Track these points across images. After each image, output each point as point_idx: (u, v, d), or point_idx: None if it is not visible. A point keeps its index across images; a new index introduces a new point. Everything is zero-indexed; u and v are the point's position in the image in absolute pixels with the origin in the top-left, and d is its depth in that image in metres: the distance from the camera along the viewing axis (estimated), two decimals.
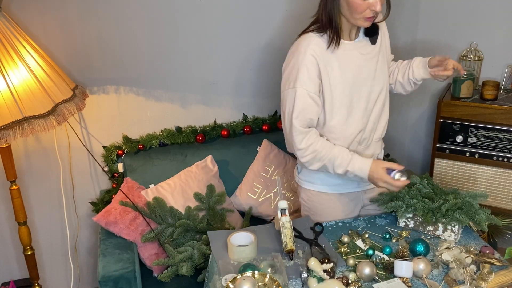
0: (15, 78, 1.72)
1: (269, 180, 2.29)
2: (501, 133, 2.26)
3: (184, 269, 1.86)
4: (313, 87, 1.59)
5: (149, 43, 2.25)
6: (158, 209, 2.00)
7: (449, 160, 2.42)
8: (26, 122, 1.71)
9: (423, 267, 1.41)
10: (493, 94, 2.28)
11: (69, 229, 2.37)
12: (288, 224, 1.53)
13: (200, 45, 2.33)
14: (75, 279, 2.45)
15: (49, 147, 2.23)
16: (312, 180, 1.80)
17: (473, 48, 2.46)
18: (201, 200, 2.13)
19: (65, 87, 1.93)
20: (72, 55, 2.15)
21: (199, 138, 2.39)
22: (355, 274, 1.42)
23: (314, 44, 1.59)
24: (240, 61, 2.42)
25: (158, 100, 2.36)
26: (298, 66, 1.58)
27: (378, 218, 1.77)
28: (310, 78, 1.58)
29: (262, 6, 2.35)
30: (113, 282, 1.72)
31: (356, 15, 1.53)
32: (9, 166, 1.94)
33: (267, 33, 2.40)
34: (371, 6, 1.50)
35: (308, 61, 1.57)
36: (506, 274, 1.43)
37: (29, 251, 2.10)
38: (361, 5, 1.50)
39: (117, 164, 2.32)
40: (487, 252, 1.50)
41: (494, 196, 2.36)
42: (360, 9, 1.51)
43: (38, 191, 2.30)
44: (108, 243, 1.91)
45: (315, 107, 1.61)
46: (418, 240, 1.53)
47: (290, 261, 1.50)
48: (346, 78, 1.63)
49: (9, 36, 1.76)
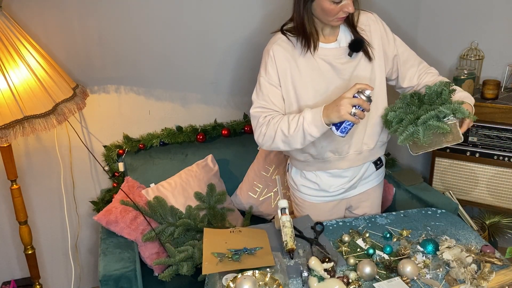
0: (15, 77, 1.72)
1: (269, 179, 2.29)
2: (501, 132, 2.26)
3: (185, 268, 1.86)
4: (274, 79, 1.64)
5: (149, 42, 2.25)
6: (158, 208, 2.00)
7: (449, 159, 2.42)
8: (27, 122, 1.71)
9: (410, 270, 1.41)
10: (494, 93, 2.27)
11: (70, 228, 2.37)
12: (288, 223, 1.53)
13: (200, 44, 2.33)
14: (76, 278, 2.45)
15: (49, 146, 2.23)
16: (298, 189, 1.85)
17: (474, 47, 2.46)
18: (202, 200, 2.13)
19: (65, 86, 1.93)
20: (73, 54, 2.15)
21: (199, 137, 2.39)
22: (355, 273, 1.42)
23: (277, 44, 1.64)
24: (241, 60, 2.42)
25: (158, 99, 2.36)
26: (263, 63, 1.66)
27: (378, 217, 1.77)
28: (270, 76, 1.64)
29: (263, 6, 2.35)
30: (114, 281, 1.73)
31: (330, 18, 1.55)
32: (9, 165, 1.94)
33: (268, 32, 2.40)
34: (343, 8, 1.52)
35: (269, 61, 1.63)
36: (506, 273, 1.43)
37: (30, 250, 2.10)
38: (334, 9, 1.52)
39: (118, 163, 2.32)
40: (487, 251, 1.50)
41: (495, 195, 2.37)
42: (333, 12, 1.53)
43: (38, 191, 2.30)
44: (109, 242, 1.91)
45: (277, 90, 1.64)
46: (428, 240, 1.54)
47: (291, 260, 1.50)
48: (317, 84, 1.63)
49: (10, 36, 1.76)
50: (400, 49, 1.73)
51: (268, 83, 1.64)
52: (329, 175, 1.78)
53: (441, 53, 2.62)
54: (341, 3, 1.50)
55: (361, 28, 1.67)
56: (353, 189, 1.84)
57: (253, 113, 1.66)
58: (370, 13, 1.71)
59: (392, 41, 1.72)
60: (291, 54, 1.63)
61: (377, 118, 1.71)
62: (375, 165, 1.83)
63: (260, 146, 1.66)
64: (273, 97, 1.64)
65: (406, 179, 2.31)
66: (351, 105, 1.43)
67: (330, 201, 1.84)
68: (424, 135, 1.45)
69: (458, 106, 1.46)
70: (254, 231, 1.66)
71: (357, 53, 1.64)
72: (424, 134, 1.45)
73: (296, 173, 1.84)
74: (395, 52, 1.72)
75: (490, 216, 2.43)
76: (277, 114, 1.62)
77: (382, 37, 1.69)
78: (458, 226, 1.70)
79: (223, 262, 1.45)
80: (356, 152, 1.73)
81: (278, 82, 1.64)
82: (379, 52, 1.68)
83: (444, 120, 1.47)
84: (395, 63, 1.73)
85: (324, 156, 1.72)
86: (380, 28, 1.70)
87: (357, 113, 1.44)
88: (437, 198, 2.14)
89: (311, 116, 1.51)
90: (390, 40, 1.71)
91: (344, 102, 1.43)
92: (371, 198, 1.89)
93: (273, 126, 1.58)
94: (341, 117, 1.44)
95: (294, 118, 1.54)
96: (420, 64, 1.75)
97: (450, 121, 1.47)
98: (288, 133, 1.55)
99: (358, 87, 1.44)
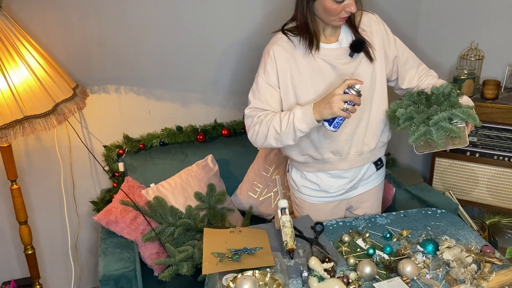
0: (15, 77, 1.72)
1: (269, 180, 2.29)
2: (501, 132, 2.26)
3: (185, 268, 1.86)
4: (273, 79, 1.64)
5: (149, 42, 2.25)
6: (158, 208, 2.00)
7: (449, 159, 2.42)
8: (27, 122, 1.71)
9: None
10: (494, 93, 2.27)
11: (70, 228, 2.37)
12: (288, 223, 1.53)
13: (200, 44, 2.33)
14: (76, 278, 2.45)
15: (49, 146, 2.23)
16: (299, 189, 1.85)
17: (474, 47, 2.46)
18: (202, 200, 2.13)
19: (65, 86, 1.93)
20: (73, 54, 2.15)
21: (199, 137, 2.39)
22: (355, 273, 1.42)
23: (277, 44, 1.64)
24: (241, 61, 2.42)
25: (158, 99, 2.36)
26: (262, 63, 1.66)
27: (378, 217, 1.77)
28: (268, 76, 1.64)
29: (263, 6, 2.35)
30: (114, 281, 1.73)
31: (332, 18, 1.55)
32: (9, 165, 1.94)
33: (268, 32, 2.39)
34: (346, 7, 1.51)
35: (269, 62, 1.63)
36: (506, 273, 1.43)
37: (30, 250, 2.10)
38: (337, 9, 1.51)
39: (118, 163, 2.32)
40: (487, 251, 1.50)
41: (495, 195, 2.37)
42: (335, 12, 1.52)
43: (38, 191, 2.30)
44: (109, 242, 1.91)
45: (274, 92, 1.64)
46: (428, 240, 1.54)
47: (291, 260, 1.50)
48: (317, 84, 1.63)
49: (10, 35, 1.76)
50: (400, 51, 1.73)
51: (266, 83, 1.64)
52: (330, 176, 1.78)
53: (441, 53, 2.62)
54: (343, 2, 1.50)
55: (362, 29, 1.66)
56: (353, 190, 1.84)
57: (248, 112, 1.66)
58: (372, 14, 1.71)
59: (393, 42, 1.72)
60: (292, 55, 1.62)
61: (378, 119, 1.71)
62: (376, 166, 1.83)
63: (253, 144, 1.67)
64: (270, 97, 1.64)
65: (406, 179, 2.31)
66: (342, 101, 1.44)
67: (330, 201, 1.84)
68: (437, 137, 1.46)
69: (471, 111, 1.48)
70: (254, 231, 1.66)
71: (358, 54, 1.64)
72: (437, 135, 1.46)
73: (297, 174, 1.84)
74: (395, 53, 1.71)
75: (490, 216, 2.43)
76: (269, 112, 1.62)
77: (383, 38, 1.69)
78: (458, 226, 1.70)
79: (223, 262, 1.45)
80: (357, 153, 1.73)
81: (276, 83, 1.64)
82: (380, 53, 1.68)
83: (453, 123, 1.48)
84: (395, 64, 1.73)
85: (325, 157, 1.72)
86: (381, 29, 1.70)
87: (349, 109, 1.44)
88: (437, 198, 2.14)
89: (301, 113, 1.52)
90: (390, 41, 1.71)
91: (336, 99, 1.44)
92: (371, 198, 1.89)
93: (265, 124, 1.59)
94: (334, 114, 1.45)
95: (285, 115, 1.55)
96: (419, 66, 1.75)
97: (459, 124, 1.48)
98: (280, 130, 1.56)
99: (348, 83, 1.45)
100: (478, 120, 1.48)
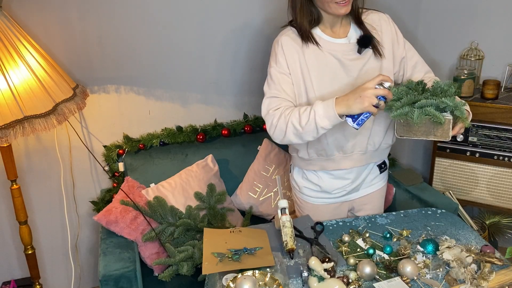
0: (15, 77, 1.72)
1: (269, 179, 2.29)
2: (501, 132, 2.26)
3: (185, 268, 1.86)
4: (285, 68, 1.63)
5: (149, 42, 2.24)
6: (158, 208, 2.00)
7: (449, 159, 2.42)
8: (27, 122, 1.71)
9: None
10: (494, 93, 2.27)
11: (70, 228, 2.37)
12: (288, 223, 1.53)
13: (200, 44, 2.33)
14: (76, 278, 2.45)
15: (49, 146, 2.23)
16: (300, 190, 1.85)
17: (474, 47, 2.46)
18: (202, 200, 2.13)
19: (65, 86, 1.93)
20: (73, 54, 2.15)
21: (199, 137, 2.39)
22: (355, 273, 1.42)
23: (286, 35, 1.64)
24: (241, 60, 2.42)
25: (158, 99, 2.36)
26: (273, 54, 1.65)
27: (378, 217, 1.77)
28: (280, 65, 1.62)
29: (263, 7, 2.35)
30: (114, 281, 1.73)
31: (326, 3, 1.53)
32: (9, 165, 1.94)
33: (268, 32, 2.40)
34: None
35: (279, 51, 1.62)
36: (507, 273, 1.43)
37: (30, 250, 2.10)
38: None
39: (118, 163, 2.32)
40: (487, 251, 1.50)
41: (494, 195, 2.37)
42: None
43: (38, 191, 2.30)
44: (109, 242, 1.91)
45: (288, 79, 1.62)
46: (428, 240, 1.54)
47: (291, 260, 1.50)
48: (322, 78, 1.62)
49: (10, 35, 1.76)
50: (409, 53, 1.72)
51: (278, 73, 1.62)
52: (331, 176, 1.78)
53: (441, 53, 2.62)
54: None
55: (373, 27, 1.66)
56: (355, 192, 1.83)
57: (265, 102, 1.63)
58: (383, 14, 1.72)
59: (402, 44, 1.71)
60: (300, 46, 1.62)
61: (383, 117, 1.71)
62: (379, 169, 1.82)
63: (272, 138, 1.62)
64: (285, 85, 1.61)
65: (406, 179, 2.31)
66: (376, 95, 1.38)
67: (331, 203, 1.84)
68: (417, 117, 1.40)
69: (460, 105, 1.45)
70: (254, 231, 1.66)
71: (366, 51, 1.63)
72: (418, 116, 1.40)
73: (298, 174, 1.84)
74: (403, 55, 1.71)
75: (490, 216, 2.43)
76: (288, 106, 1.58)
77: (392, 38, 1.69)
78: (458, 226, 1.70)
79: (223, 262, 1.45)
80: (361, 151, 1.73)
81: (288, 71, 1.62)
82: (389, 52, 1.67)
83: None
84: (402, 66, 1.72)
85: (329, 153, 1.71)
86: (391, 29, 1.70)
87: (381, 104, 1.39)
88: (437, 198, 2.14)
89: (322, 109, 1.46)
90: (400, 43, 1.70)
91: (369, 93, 1.37)
92: (374, 201, 1.89)
93: (284, 119, 1.54)
94: (364, 109, 1.38)
95: (305, 111, 1.50)
96: (427, 73, 1.73)
97: (446, 117, 1.45)
98: (300, 126, 1.51)
99: (382, 78, 1.40)
100: (465, 114, 1.42)
